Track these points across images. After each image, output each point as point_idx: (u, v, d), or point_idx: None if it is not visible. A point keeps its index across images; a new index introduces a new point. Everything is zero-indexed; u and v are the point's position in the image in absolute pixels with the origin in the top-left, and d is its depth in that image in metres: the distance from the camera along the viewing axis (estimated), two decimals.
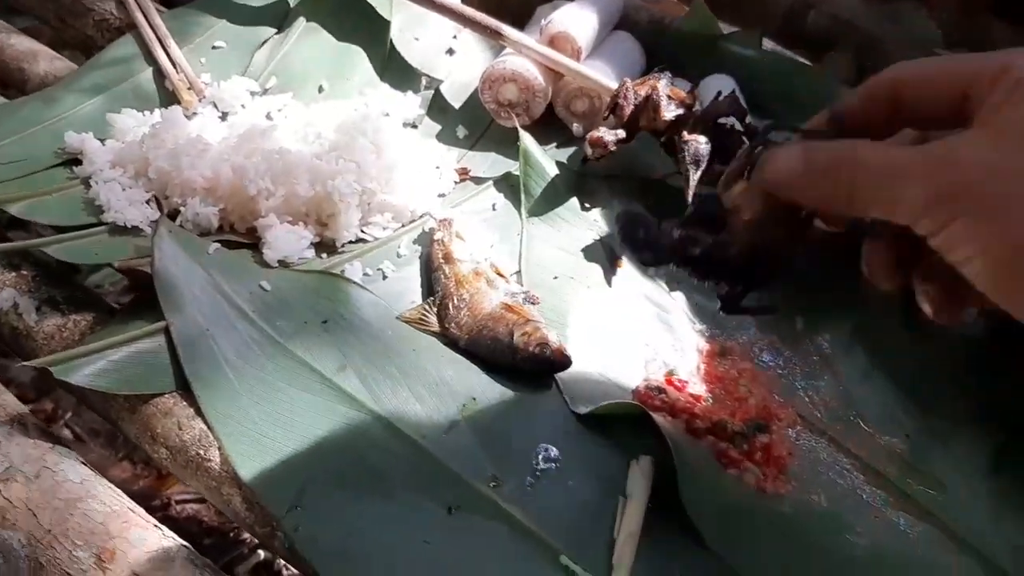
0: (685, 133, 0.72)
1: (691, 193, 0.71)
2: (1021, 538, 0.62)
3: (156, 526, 0.59)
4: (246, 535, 1.23)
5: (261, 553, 1.23)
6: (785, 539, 0.58)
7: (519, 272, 0.73)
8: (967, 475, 0.65)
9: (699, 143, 0.71)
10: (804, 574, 0.56)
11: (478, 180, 0.80)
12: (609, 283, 0.73)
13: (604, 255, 0.75)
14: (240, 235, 0.73)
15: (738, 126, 0.74)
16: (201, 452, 0.60)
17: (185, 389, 0.62)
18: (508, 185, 0.80)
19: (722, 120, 0.74)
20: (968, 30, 1.00)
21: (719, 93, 0.76)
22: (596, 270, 0.74)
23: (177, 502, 1.37)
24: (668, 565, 0.55)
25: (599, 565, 0.54)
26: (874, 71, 0.49)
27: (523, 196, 0.77)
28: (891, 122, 0.47)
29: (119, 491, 0.61)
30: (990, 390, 0.69)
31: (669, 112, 0.74)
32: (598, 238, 0.76)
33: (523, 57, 0.81)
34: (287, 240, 0.70)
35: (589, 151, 0.76)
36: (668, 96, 0.74)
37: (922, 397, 0.69)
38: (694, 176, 0.71)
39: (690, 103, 0.74)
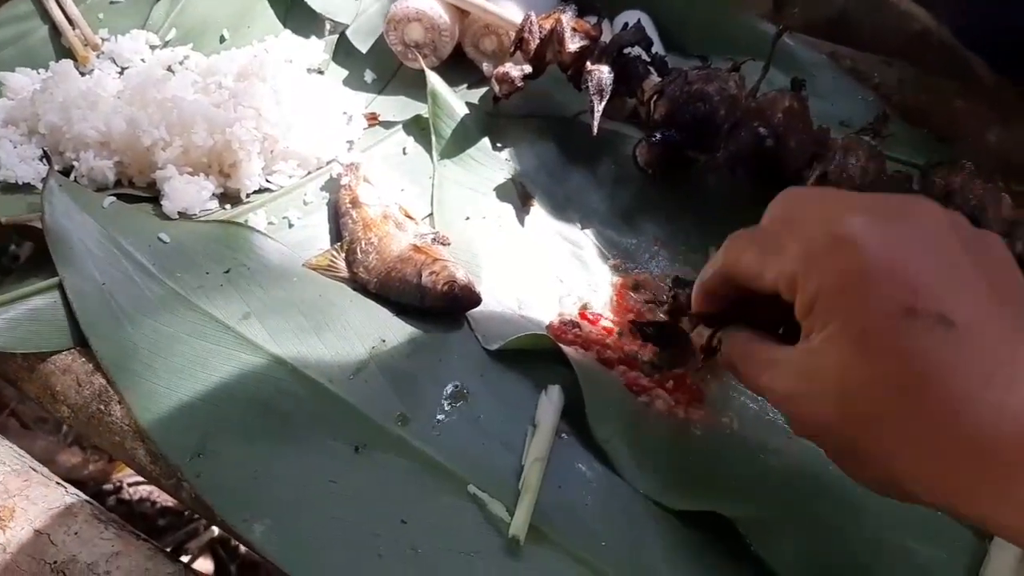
0: (589, 63, 0.71)
1: (596, 124, 0.70)
2: None
3: (59, 483, 0.58)
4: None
5: (215, 530, 1.22)
6: (694, 460, 0.58)
7: (431, 215, 0.72)
8: None
9: (602, 73, 0.70)
10: (713, 492, 0.56)
11: (387, 124, 0.79)
12: (521, 222, 0.72)
13: (516, 194, 0.74)
14: (140, 189, 0.71)
15: (644, 55, 0.73)
16: (102, 407, 0.59)
17: (83, 345, 0.61)
18: (419, 128, 0.78)
19: (627, 50, 0.73)
20: None
21: (625, 24, 0.75)
22: (508, 209, 0.73)
23: (129, 484, 1.35)
24: (578, 490, 0.55)
25: (509, 492, 0.54)
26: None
27: (433, 138, 0.76)
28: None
29: (20, 450, 0.60)
30: None
31: (574, 44, 0.73)
32: (510, 177, 0.75)
33: None
34: (187, 191, 0.68)
35: (497, 88, 0.75)
36: (573, 28, 0.73)
37: None
38: (599, 106, 0.70)
39: (595, 35, 0.73)
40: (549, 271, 0.70)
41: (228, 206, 0.71)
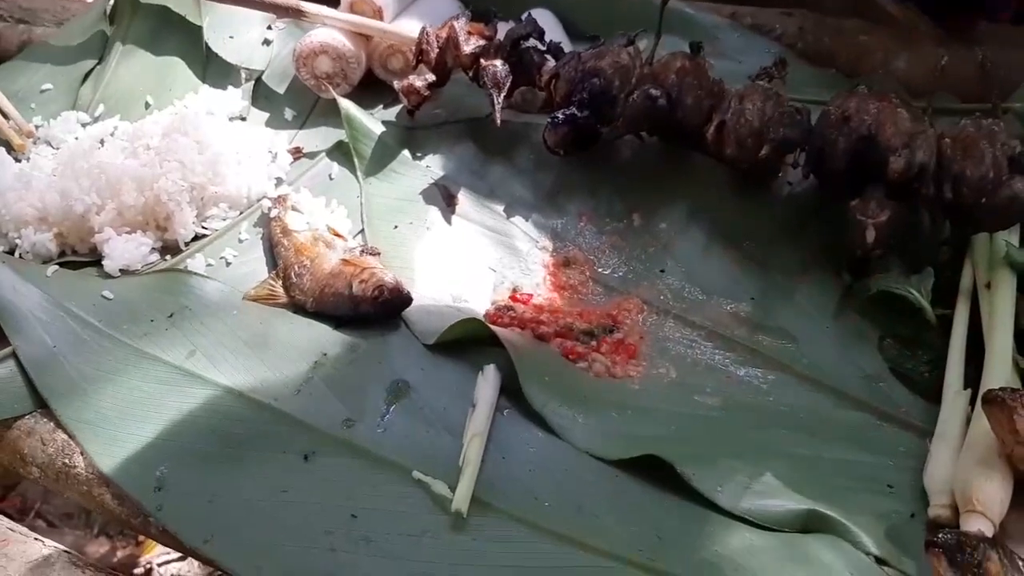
0: (483, 61, 0.74)
1: (498, 117, 0.73)
2: (872, 367, 0.64)
3: (37, 539, 0.60)
4: None
5: None
6: (632, 412, 0.60)
7: (362, 230, 0.75)
8: (814, 322, 0.67)
9: (496, 67, 0.73)
10: (651, 439, 0.57)
11: (312, 155, 0.82)
12: (448, 221, 0.75)
13: (440, 196, 0.76)
14: (83, 255, 0.74)
15: (539, 45, 0.76)
16: (67, 461, 0.61)
17: (43, 407, 0.64)
18: (341, 153, 0.81)
19: (523, 43, 0.76)
20: None
21: (519, 19, 0.78)
22: (435, 212, 0.76)
23: (159, 564, 1.38)
24: (520, 458, 0.57)
25: (453, 473, 0.56)
26: None
27: (356, 160, 0.79)
28: None
29: None
30: (824, 239, 0.71)
31: (470, 46, 0.76)
32: (433, 182, 0.77)
33: (330, 29, 0.82)
34: (125, 249, 0.72)
35: (405, 101, 0.78)
36: (468, 32, 0.76)
37: (762, 259, 0.71)
38: (498, 98, 0.73)
39: (490, 35, 0.76)
40: (481, 263, 0.72)
41: (169, 256, 0.74)
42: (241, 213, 0.77)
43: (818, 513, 0.53)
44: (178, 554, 1.35)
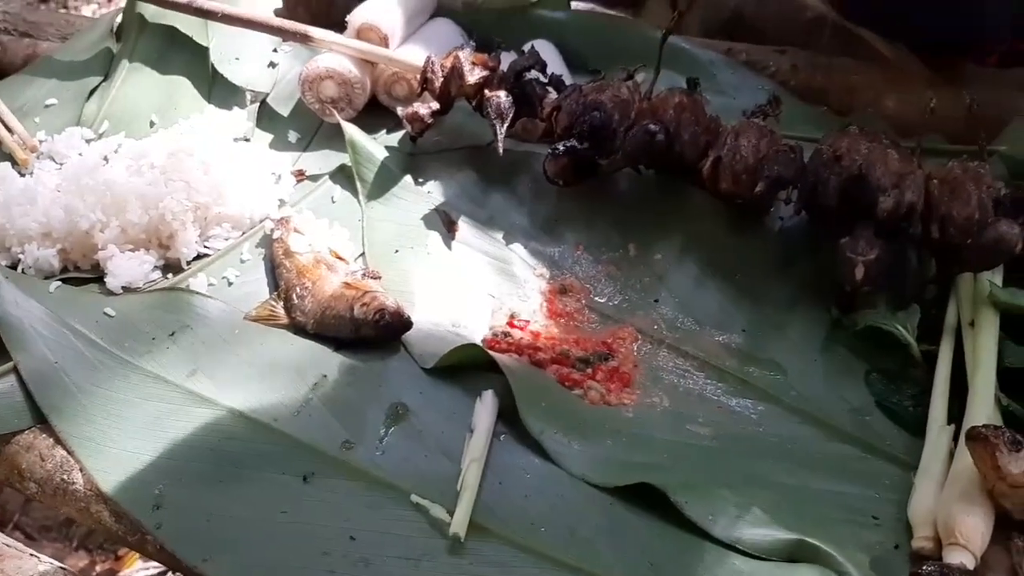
0: (487, 92, 0.75)
1: (501, 146, 0.74)
2: (858, 400, 0.66)
3: (32, 554, 0.61)
4: None
5: None
6: (626, 440, 0.61)
7: (363, 254, 0.76)
8: (803, 355, 0.69)
9: (500, 98, 0.75)
10: (645, 466, 0.59)
11: (315, 178, 0.83)
12: (449, 247, 0.76)
13: (441, 222, 0.78)
14: (85, 272, 0.75)
15: (541, 77, 0.78)
16: (65, 477, 0.62)
17: (43, 422, 0.64)
18: (344, 177, 0.83)
19: (525, 75, 0.78)
20: None
21: (521, 51, 0.80)
22: (435, 237, 0.77)
23: None
24: (517, 484, 0.58)
25: (451, 497, 0.57)
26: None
27: (358, 184, 0.80)
28: None
29: None
30: (814, 274, 0.73)
31: (474, 76, 0.77)
32: (434, 208, 0.79)
33: (336, 54, 0.84)
34: (128, 267, 0.72)
35: (409, 128, 0.79)
36: (471, 62, 0.78)
37: (753, 292, 0.73)
38: (501, 129, 0.75)
39: (493, 65, 0.78)
40: (480, 288, 0.73)
41: (171, 275, 0.75)
42: (244, 234, 0.78)
43: (806, 543, 0.54)
44: (158, 569, 1.35)
